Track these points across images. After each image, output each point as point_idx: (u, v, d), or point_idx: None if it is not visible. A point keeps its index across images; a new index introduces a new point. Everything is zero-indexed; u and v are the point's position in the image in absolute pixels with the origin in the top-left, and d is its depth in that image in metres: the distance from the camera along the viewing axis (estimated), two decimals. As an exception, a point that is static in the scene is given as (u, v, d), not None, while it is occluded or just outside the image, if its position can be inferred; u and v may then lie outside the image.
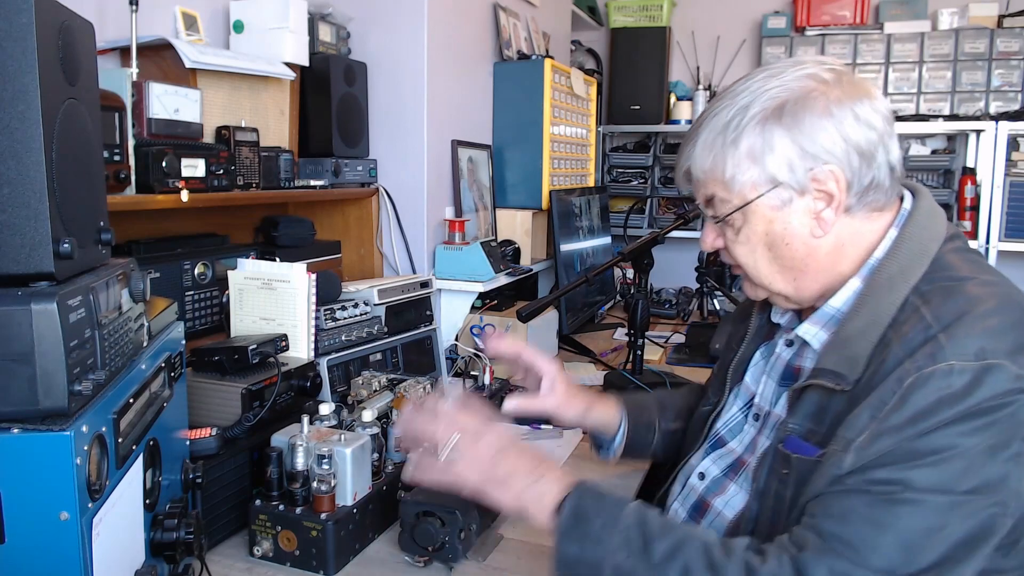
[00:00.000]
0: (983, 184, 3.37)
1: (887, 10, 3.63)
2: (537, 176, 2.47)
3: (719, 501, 1.07)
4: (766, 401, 1.09)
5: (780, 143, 0.93)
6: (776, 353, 1.11)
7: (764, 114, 0.93)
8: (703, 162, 0.99)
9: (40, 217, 0.74)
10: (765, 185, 0.95)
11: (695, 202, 1.08)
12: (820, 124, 0.92)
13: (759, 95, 0.95)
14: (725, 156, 0.96)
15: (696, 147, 0.99)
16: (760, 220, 0.97)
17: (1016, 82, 3.47)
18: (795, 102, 0.93)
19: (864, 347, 0.91)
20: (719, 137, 0.96)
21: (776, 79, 0.95)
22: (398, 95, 2.05)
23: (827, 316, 1.00)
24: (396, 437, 1.30)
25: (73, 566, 0.72)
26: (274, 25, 1.75)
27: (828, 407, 0.93)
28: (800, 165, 0.93)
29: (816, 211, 0.95)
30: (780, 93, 0.93)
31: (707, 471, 1.13)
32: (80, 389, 0.72)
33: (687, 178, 1.04)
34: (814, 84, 0.93)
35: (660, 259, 2.13)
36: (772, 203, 0.96)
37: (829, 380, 0.91)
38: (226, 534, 1.22)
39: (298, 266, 1.52)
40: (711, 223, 1.04)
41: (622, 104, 3.86)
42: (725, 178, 0.97)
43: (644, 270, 2.03)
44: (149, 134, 1.37)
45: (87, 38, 0.88)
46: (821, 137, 0.92)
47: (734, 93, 0.97)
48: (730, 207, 0.98)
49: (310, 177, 1.83)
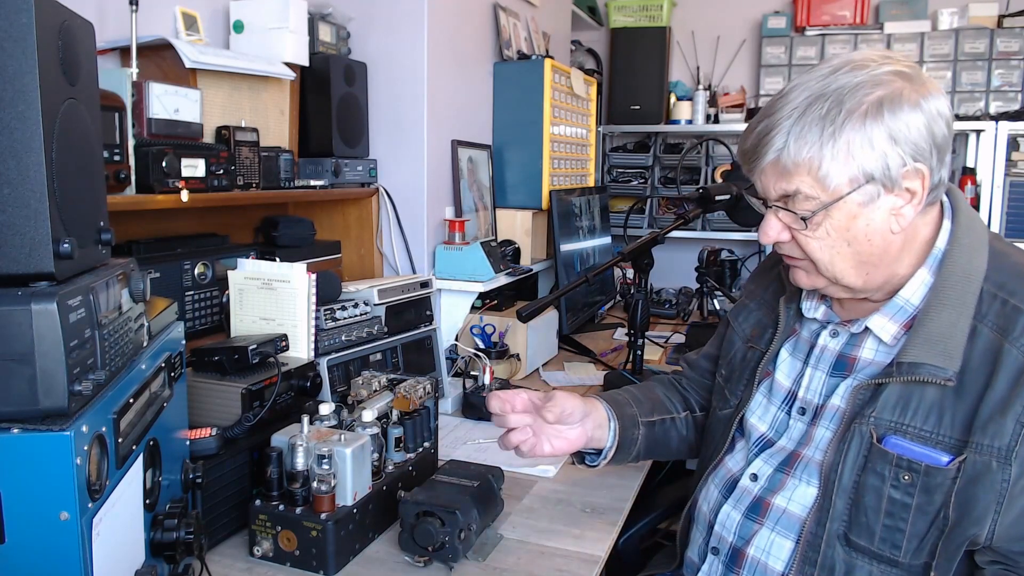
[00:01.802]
0: (983, 184, 3.37)
1: (887, 10, 3.63)
2: (537, 176, 2.47)
3: (780, 498, 1.07)
4: (815, 393, 1.09)
5: (879, 139, 0.93)
6: (819, 344, 1.11)
7: (863, 109, 0.93)
8: (798, 153, 0.96)
9: (40, 217, 0.74)
10: (859, 180, 0.95)
11: (752, 193, 1.05)
12: (914, 120, 0.93)
13: (853, 89, 0.94)
14: (822, 149, 0.94)
15: (788, 137, 0.96)
16: (844, 216, 0.97)
17: (1016, 82, 3.47)
18: (891, 98, 0.93)
19: (959, 340, 0.94)
20: (815, 129, 0.94)
21: (864, 72, 0.94)
22: (398, 95, 2.05)
23: (897, 308, 1.02)
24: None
25: (73, 566, 0.72)
26: (274, 25, 1.74)
27: (924, 400, 0.95)
28: (895, 161, 0.94)
29: (897, 208, 0.97)
30: (874, 88, 0.93)
31: (759, 471, 1.12)
32: (80, 389, 0.72)
33: (769, 169, 1.00)
34: (901, 81, 0.94)
35: (660, 259, 2.13)
36: (861, 199, 0.96)
37: (931, 374, 0.94)
38: (226, 534, 1.22)
39: (298, 266, 1.52)
40: (780, 216, 1.02)
41: (622, 104, 3.86)
42: (819, 173, 0.95)
43: (644, 270, 2.03)
44: (149, 134, 1.37)
45: (87, 38, 0.88)
46: (914, 134, 0.93)
47: (823, 85, 0.95)
48: (816, 204, 0.97)
49: (310, 177, 1.83)
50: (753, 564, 1.07)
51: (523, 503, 1.39)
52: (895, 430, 0.96)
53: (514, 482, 1.45)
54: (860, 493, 0.98)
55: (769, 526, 1.07)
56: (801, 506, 1.04)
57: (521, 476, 1.49)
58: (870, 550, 0.97)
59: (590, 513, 1.36)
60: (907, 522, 0.95)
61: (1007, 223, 3.36)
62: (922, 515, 0.94)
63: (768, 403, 1.16)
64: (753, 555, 1.07)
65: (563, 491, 1.44)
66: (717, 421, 1.25)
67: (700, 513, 1.20)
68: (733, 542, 1.11)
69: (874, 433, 0.97)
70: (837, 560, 0.99)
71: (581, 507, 1.38)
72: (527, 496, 1.42)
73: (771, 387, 1.16)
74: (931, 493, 0.94)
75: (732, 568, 1.11)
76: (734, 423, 1.19)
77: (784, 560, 1.04)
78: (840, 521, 0.99)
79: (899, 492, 0.95)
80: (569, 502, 1.40)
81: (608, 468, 1.42)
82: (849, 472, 0.98)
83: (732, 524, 1.12)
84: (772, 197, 1.02)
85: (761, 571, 1.07)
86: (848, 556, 0.98)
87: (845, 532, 0.99)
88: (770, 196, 1.02)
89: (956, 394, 0.94)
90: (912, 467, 0.94)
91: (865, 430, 0.98)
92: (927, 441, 0.94)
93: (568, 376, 2.20)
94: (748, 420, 1.17)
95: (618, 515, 1.35)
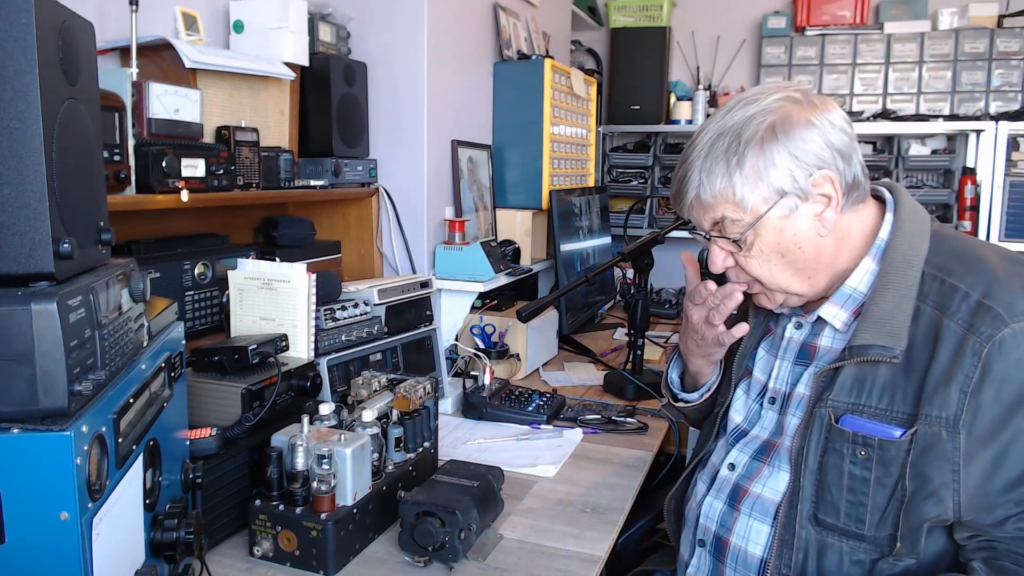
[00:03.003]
0: (983, 184, 3.37)
1: (887, 10, 3.63)
2: (537, 176, 2.47)
3: (756, 485, 1.13)
4: (782, 382, 1.16)
5: (779, 158, 1.03)
6: (786, 337, 1.18)
7: (759, 136, 1.03)
8: (712, 186, 1.06)
9: (40, 217, 0.74)
10: (773, 198, 1.04)
11: (694, 229, 1.15)
12: (808, 135, 1.03)
13: (747, 121, 1.04)
14: (732, 179, 1.04)
15: (700, 175, 1.07)
16: (771, 231, 1.06)
17: (1016, 82, 3.47)
18: (782, 121, 1.03)
19: (903, 320, 1.01)
20: (721, 163, 1.05)
21: (754, 106, 1.05)
22: (398, 95, 2.05)
23: (845, 296, 1.09)
24: None
25: (73, 566, 0.72)
26: (274, 25, 1.74)
27: (876, 380, 1.02)
28: (800, 174, 1.03)
29: (818, 213, 1.06)
30: (766, 116, 1.04)
31: (736, 460, 1.18)
32: (80, 389, 0.72)
33: (695, 205, 1.10)
34: (789, 104, 1.04)
35: (660, 259, 2.13)
36: (781, 213, 1.05)
37: (878, 354, 1.00)
38: (226, 534, 1.22)
39: (298, 266, 1.52)
40: (719, 244, 1.11)
41: (622, 104, 3.86)
42: (736, 199, 1.05)
43: (644, 270, 2.03)
44: (149, 134, 1.37)
45: (87, 38, 0.88)
46: (811, 146, 1.03)
47: (721, 125, 1.07)
48: (743, 225, 1.07)
49: (310, 177, 1.83)
50: (735, 552, 1.12)
51: (523, 503, 1.39)
52: (851, 410, 1.03)
53: (514, 482, 1.45)
54: (824, 473, 1.04)
55: (746, 512, 1.12)
56: (775, 491, 1.10)
57: (521, 476, 1.49)
58: (837, 526, 1.03)
59: (590, 513, 1.36)
60: (868, 496, 1.01)
61: (1007, 223, 3.36)
62: (881, 487, 1.00)
63: (746, 397, 1.22)
64: (735, 543, 1.12)
65: (563, 491, 1.44)
66: (712, 417, 1.31)
67: (689, 509, 1.24)
68: (716, 531, 1.16)
69: (832, 415, 1.04)
70: (810, 540, 1.05)
71: (581, 507, 1.38)
72: (527, 496, 1.42)
73: (749, 384, 1.23)
74: (887, 466, 0.99)
75: (718, 558, 1.15)
76: (718, 420, 1.26)
77: (763, 545, 1.09)
78: (809, 502, 1.05)
79: (858, 467, 1.01)
80: (569, 502, 1.40)
81: (608, 468, 1.42)
82: (813, 454, 1.05)
83: (715, 514, 1.17)
84: (706, 228, 1.11)
85: (743, 558, 1.11)
86: (820, 535, 1.04)
87: (814, 512, 1.04)
88: (704, 227, 1.12)
89: (904, 371, 1.00)
90: (867, 442, 1.01)
91: (825, 413, 1.04)
92: (881, 418, 1.01)
93: (568, 376, 2.21)
94: (729, 415, 1.24)
95: (618, 515, 1.35)
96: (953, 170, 3.56)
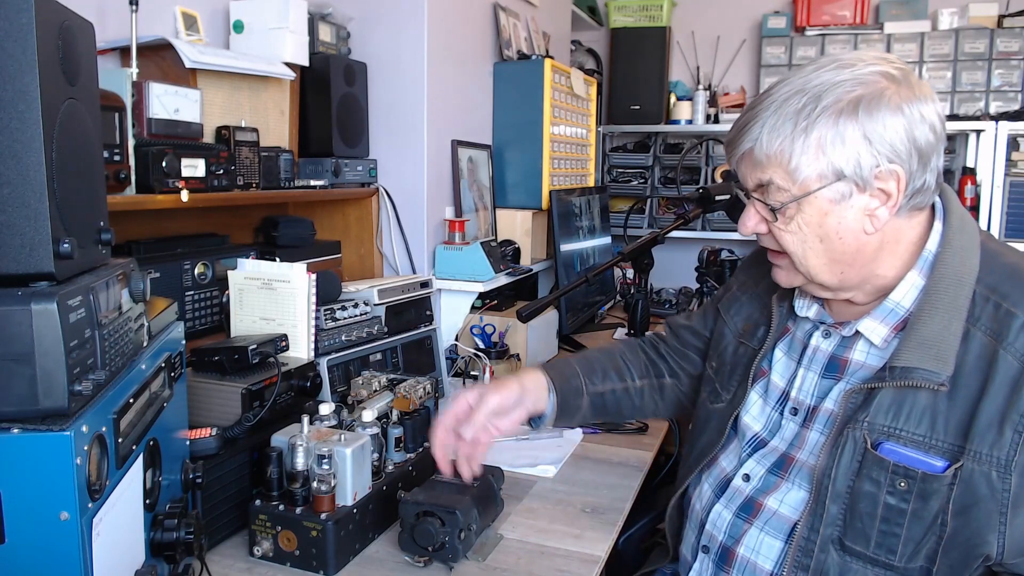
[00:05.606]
0: (983, 184, 3.37)
1: (887, 10, 3.63)
2: (537, 176, 2.47)
3: (772, 500, 1.07)
4: (807, 395, 1.09)
5: (852, 137, 0.93)
6: (812, 345, 1.10)
7: (839, 106, 0.93)
8: (769, 145, 0.97)
9: (40, 217, 0.74)
10: (829, 177, 0.95)
11: (737, 182, 1.06)
12: (892, 122, 0.92)
13: (833, 86, 0.94)
14: (794, 143, 0.95)
15: (763, 129, 0.97)
16: (815, 212, 0.98)
17: (1016, 82, 3.47)
18: (870, 98, 0.92)
19: (951, 343, 0.93)
20: (788, 123, 0.95)
21: (848, 71, 0.94)
22: (398, 95, 2.05)
23: (888, 311, 1.01)
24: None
25: (73, 566, 0.72)
26: (274, 25, 1.74)
27: (916, 404, 0.94)
28: (867, 161, 0.94)
29: (871, 209, 0.96)
30: (854, 87, 0.93)
31: (752, 472, 1.12)
32: (80, 389, 0.72)
33: (745, 158, 1.01)
34: (886, 82, 0.93)
35: (660, 259, 2.14)
36: (831, 196, 0.96)
37: (924, 379, 0.93)
38: (226, 534, 1.22)
39: (298, 266, 1.52)
40: (756, 207, 1.03)
41: (622, 104, 3.86)
42: (789, 166, 0.96)
43: (644, 270, 2.03)
44: (149, 134, 1.37)
45: (87, 38, 0.88)
46: (891, 135, 0.93)
47: (805, 81, 0.96)
48: (788, 196, 0.98)
49: (310, 177, 1.83)
50: (743, 563, 1.08)
51: (523, 503, 1.39)
52: (889, 435, 0.95)
53: (514, 482, 1.45)
54: (855, 499, 0.97)
55: (759, 526, 1.07)
56: (791, 508, 1.04)
57: (521, 476, 1.49)
58: (866, 555, 0.97)
59: (590, 513, 1.36)
60: (903, 527, 0.94)
61: (1007, 223, 3.36)
62: (918, 520, 0.94)
63: (763, 403, 1.16)
64: (743, 554, 1.08)
65: (563, 491, 1.44)
66: (708, 413, 1.24)
67: (693, 511, 1.20)
68: (723, 541, 1.11)
69: (868, 439, 0.96)
70: (831, 564, 0.99)
71: (581, 507, 1.38)
72: (527, 496, 1.42)
73: (767, 387, 1.16)
74: (927, 499, 0.93)
75: (722, 567, 1.11)
76: (729, 422, 1.19)
77: (774, 560, 1.04)
78: (834, 526, 0.98)
79: (895, 498, 0.95)
80: (569, 502, 1.40)
81: (608, 468, 1.42)
82: (843, 478, 0.98)
83: (723, 524, 1.12)
84: (750, 187, 1.02)
85: (751, 570, 1.07)
86: (843, 560, 0.98)
87: (840, 537, 0.98)
88: (748, 185, 1.03)
89: (949, 398, 0.93)
90: (908, 474, 0.94)
91: (859, 435, 0.97)
92: (920, 446, 0.94)
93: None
94: (743, 419, 1.17)
95: (618, 515, 1.35)
96: (953, 170, 3.56)
